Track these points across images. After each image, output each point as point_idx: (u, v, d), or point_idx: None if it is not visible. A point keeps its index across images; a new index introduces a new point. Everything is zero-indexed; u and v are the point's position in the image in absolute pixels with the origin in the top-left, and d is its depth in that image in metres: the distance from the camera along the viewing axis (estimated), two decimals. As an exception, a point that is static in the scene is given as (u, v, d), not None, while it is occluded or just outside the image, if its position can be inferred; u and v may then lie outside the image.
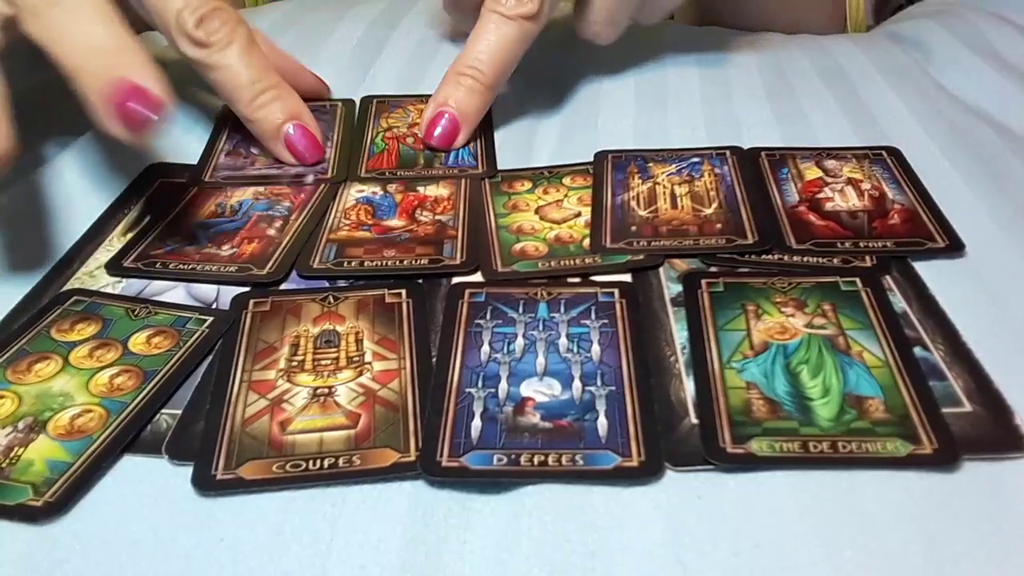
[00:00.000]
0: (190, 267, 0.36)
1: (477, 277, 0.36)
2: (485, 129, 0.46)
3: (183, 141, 0.46)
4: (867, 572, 0.24)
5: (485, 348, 0.31)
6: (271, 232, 0.38)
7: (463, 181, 0.42)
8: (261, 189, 0.42)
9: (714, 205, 0.39)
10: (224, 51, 0.40)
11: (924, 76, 0.51)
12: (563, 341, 0.31)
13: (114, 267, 0.36)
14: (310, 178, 0.43)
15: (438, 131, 0.44)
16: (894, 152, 0.43)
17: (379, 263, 0.36)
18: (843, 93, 0.49)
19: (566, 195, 0.41)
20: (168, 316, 0.33)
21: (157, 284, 0.35)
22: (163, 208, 0.40)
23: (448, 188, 0.42)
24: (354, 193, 0.41)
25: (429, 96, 0.49)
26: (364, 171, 0.43)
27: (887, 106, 0.48)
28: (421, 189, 0.42)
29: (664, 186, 0.40)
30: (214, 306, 0.34)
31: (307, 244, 0.37)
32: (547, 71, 0.53)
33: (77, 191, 0.42)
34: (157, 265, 0.36)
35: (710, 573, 0.24)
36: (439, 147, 0.44)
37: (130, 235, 0.39)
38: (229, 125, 0.47)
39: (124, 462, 0.27)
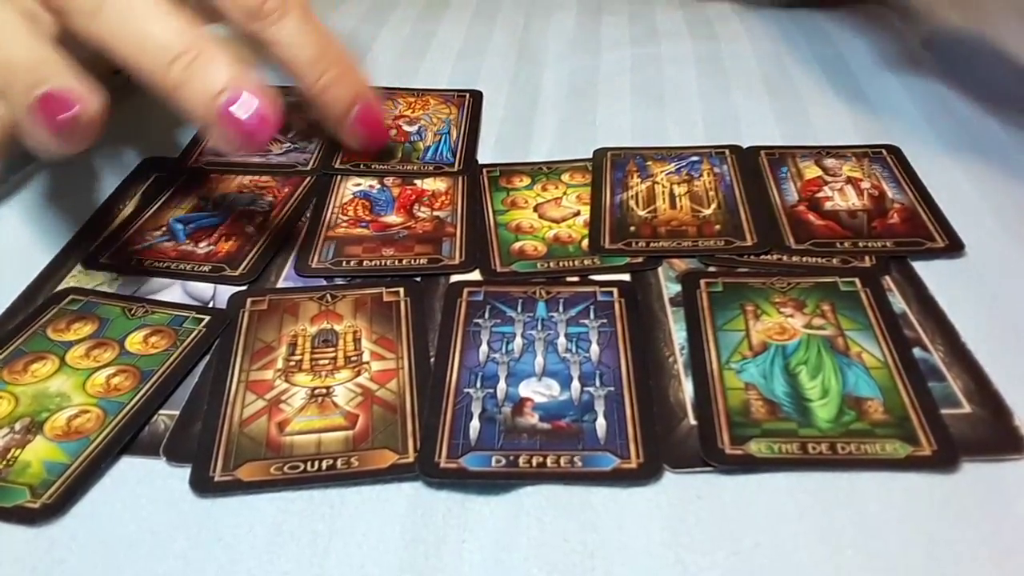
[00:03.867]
0: (165, 265, 0.36)
1: (476, 275, 0.35)
2: (471, 123, 0.46)
3: (182, 135, 0.46)
4: (867, 572, 0.24)
5: (483, 348, 0.31)
6: (250, 229, 0.38)
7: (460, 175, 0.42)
8: (246, 181, 0.42)
9: (713, 206, 0.39)
10: (279, 24, 0.37)
11: (927, 71, 0.51)
12: (562, 341, 0.31)
13: (91, 262, 0.36)
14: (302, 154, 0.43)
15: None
16: (894, 150, 0.42)
17: (378, 262, 0.36)
18: (844, 85, 0.49)
19: (565, 193, 0.41)
20: (165, 315, 0.33)
21: (154, 282, 0.35)
22: (150, 202, 0.40)
23: (445, 182, 0.42)
24: (351, 187, 0.41)
25: (420, 89, 0.50)
26: (339, 162, 0.43)
27: (889, 100, 0.48)
28: (418, 183, 0.42)
29: (663, 185, 0.40)
30: (211, 304, 0.34)
31: (302, 243, 0.37)
32: (546, 65, 0.53)
33: (72, 186, 0.41)
34: (133, 262, 0.36)
35: (710, 572, 0.24)
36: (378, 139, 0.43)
37: (112, 228, 0.39)
38: None
39: (122, 464, 0.27)
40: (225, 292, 0.34)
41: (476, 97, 0.49)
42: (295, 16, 0.37)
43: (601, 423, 0.28)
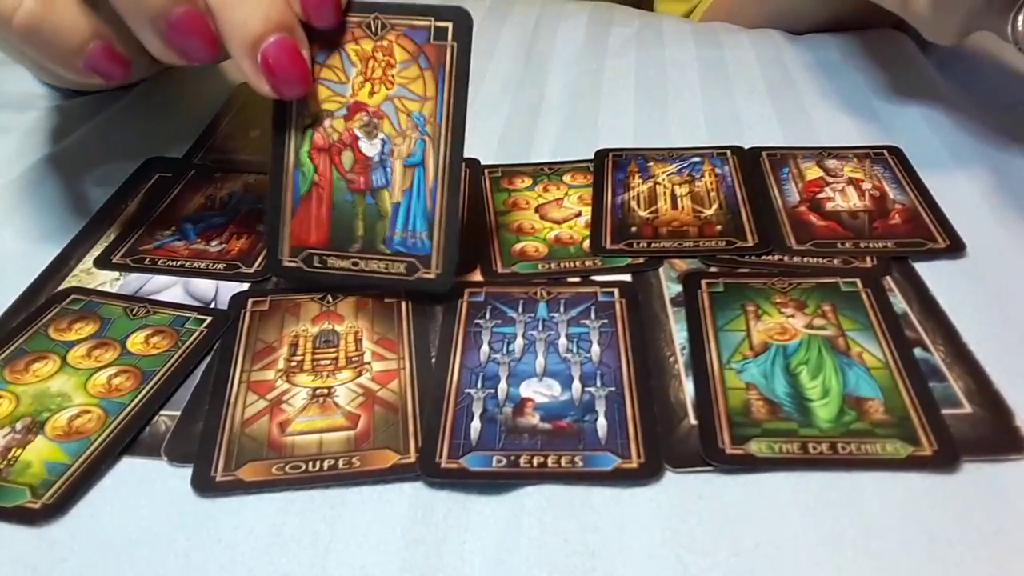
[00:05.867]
0: (179, 264, 0.36)
1: (476, 276, 0.35)
2: (452, 152, 0.32)
3: (185, 135, 0.46)
4: (868, 572, 0.24)
5: (484, 348, 0.31)
6: (260, 227, 0.38)
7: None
8: (251, 180, 0.42)
9: (714, 206, 0.39)
10: None
11: (928, 72, 0.51)
12: (563, 341, 0.31)
13: (103, 262, 0.36)
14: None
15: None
16: (896, 151, 0.42)
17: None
18: (846, 89, 0.49)
19: (566, 194, 0.41)
20: (166, 316, 0.33)
21: (155, 282, 0.35)
22: (155, 201, 0.40)
23: None
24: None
25: None
26: (287, 250, 0.33)
27: (890, 102, 0.48)
28: None
29: (664, 186, 0.40)
30: (212, 305, 0.34)
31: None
32: (549, 66, 0.53)
33: (74, 186, 0.42)
34: (146, 261, 0.36)
35: (711, 573, 0.24)
36: (299, 88, 0.31)
37: (122, 228, 0.39)
38: (234, 111, 0.47)
39: (123, 464, 0.27)
40: (226, 292, 0.34)
41: (462, 39, 0.35)
42: None
43: (602, 423, 0.28)
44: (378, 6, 0.32)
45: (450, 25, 0.32)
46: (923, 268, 0.35)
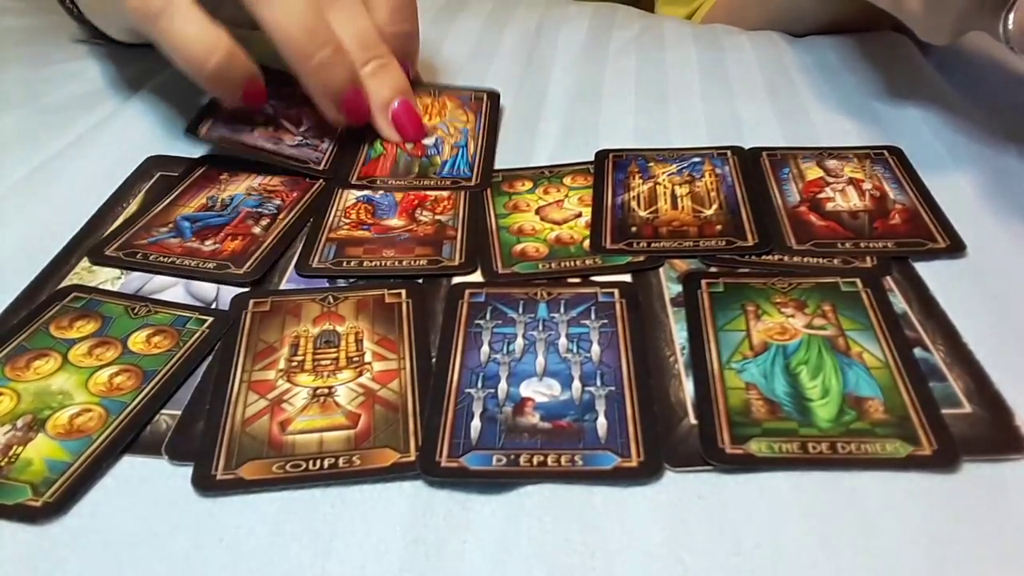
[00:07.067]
0: (170, 260, 0.36)
1: (477, 277, 0.35)
2: (489, 135, 0.46)
3: (185, 134, 0.46)
4: (867, 572, 0.24)
5: (485, 348, 0.31)
6: (256, 230, 0.38)
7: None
8: (254, 184, 0.42)
9: (715, 206, 0.39)
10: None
11: (928, 72, 0.51)
12: (563, 341, 0.31)
13: (96, 254, 0.36)
14: (315, 151, 0.43)
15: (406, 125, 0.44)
16: (896, 151, 0.43)
17: (378, 263, 0.36)
18: (846, 90, 0.49)
19: (567, 195, 0.41)
20: (168, 315, 0.33)
21: (157, 281, 0.35)
22: (157, 199, 0.40)
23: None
24: (354, 191, 0.41)
25: (439, 87, 0.49)
26: (356, 178, 0.42)
27: (890, 103, 0.48)
28: None
29: (665, 186, 0.40)
30: (214, 305, 0.34)
31: (304, 244, 0.37)
32: (548, 69, 0.53)
33: (76, 184, 0.42)
34: (138, 256, 0.36)
35: (711, 573, 0.24)
36: (417, 136, 0.44)
37: (118, 224, 0.39)
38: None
39: (123, 463, 0.27)
40: (228, 293, 0.35)
41: (494, 100, 0.48)
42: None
43: (602, 422, 0.28)
44: (436, 86, 0.49)
45: (485, 94, 0.49)
46: (923, 268, 0.35)
